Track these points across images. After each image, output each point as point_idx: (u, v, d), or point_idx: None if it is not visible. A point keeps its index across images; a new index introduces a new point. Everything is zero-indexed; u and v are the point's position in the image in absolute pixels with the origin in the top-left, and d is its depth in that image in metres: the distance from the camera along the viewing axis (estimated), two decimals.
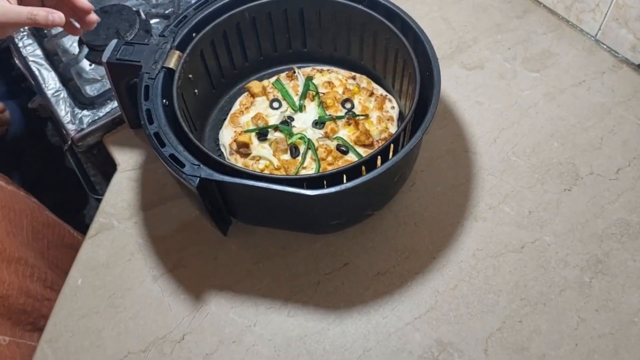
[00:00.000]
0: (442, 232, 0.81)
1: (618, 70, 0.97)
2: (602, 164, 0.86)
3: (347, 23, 0.84)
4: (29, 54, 1.06)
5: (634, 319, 0.73)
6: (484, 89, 0.97)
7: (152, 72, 0.74)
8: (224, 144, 0.85)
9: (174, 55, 0.76)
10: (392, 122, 0.84)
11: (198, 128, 0.86)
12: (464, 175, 0.87)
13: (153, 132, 0.69)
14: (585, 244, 0.79)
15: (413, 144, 0.66)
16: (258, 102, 0.88)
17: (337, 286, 0.77)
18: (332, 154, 0.80)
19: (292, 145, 0.80)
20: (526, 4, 1.09)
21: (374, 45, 0.85)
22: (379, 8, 0.80)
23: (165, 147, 0.68)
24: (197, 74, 0.82)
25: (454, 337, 0.72)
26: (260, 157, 0.80)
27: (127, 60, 0.76)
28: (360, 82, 0.89)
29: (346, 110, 0.84)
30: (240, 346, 0.73)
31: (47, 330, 0.76)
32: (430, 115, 0.68)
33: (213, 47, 0.84)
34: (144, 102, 0.72)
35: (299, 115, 0.85)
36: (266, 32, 0.88)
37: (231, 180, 0.64)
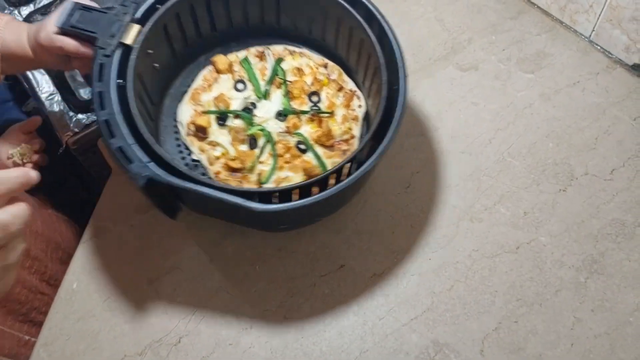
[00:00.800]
0: (437, 233, 0.81)
1: (612, 70, 0.98)
2: (597, 164, 0.86)
3: (323, 12, 0.80)
4: None
5: (630, 318, 0.73)
6: (479, 90, 0.97)
7: (107, 48, 0.68)
8: (182, 121, 0.80)
9: (133, 29, 0.70)
10: (356, 122, 0.81)
11: (156, 101, 0.81)
12: (460, 176, 0.87)
13: (103, 119, 0.64)
14: (581, 244, 0.79)
15: (366, 170, 0.64)
16: (222, 79, 0.83)
17: (334, 288, 0.77)
18: (291, 151, 0.77)
19: (251, 137, 0.77)
20: (520, 5, 1.10)
21: (349, 39, 0.80)
22: (358, 6, 0.76)
23: (114, 137, 0.63)
24: (157, 48, 0.76)
25: (450, 337, 0.72)
26: (217, 144, 0.78)
27: (83, 29, 0.69)
28: (331, 72, 0.84)
29: (312, 104, 0.81)
30: (236, 348, 0.73)
31: (42, 333, 0.75)
32: (388, 139, 0.65)
33: (178, 20, 0.78)
34: (97, 84, 0.66)
35: (263, 103, 0.81)
36: (238, 4, 0.82)
37: (179, 183, 0.62)
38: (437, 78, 0.99)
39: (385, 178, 0.87)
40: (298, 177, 0.75)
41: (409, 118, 0.94)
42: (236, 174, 0.76)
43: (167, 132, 0.81)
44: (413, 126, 0.93)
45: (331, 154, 0.78)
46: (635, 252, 0.78)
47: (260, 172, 0.75)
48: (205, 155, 0.77)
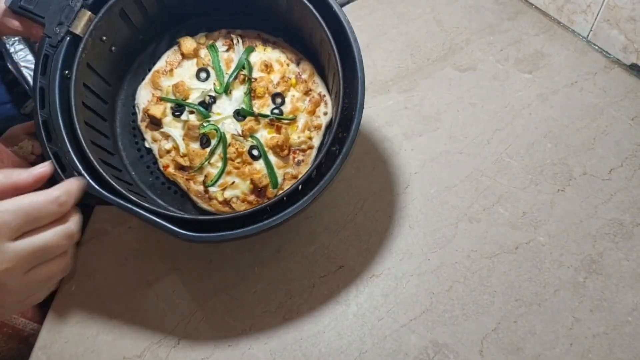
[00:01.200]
0: (436, 233, 0.81)
1: (610, 70, 0.98)
2: (595, 164, 0.87)
3: (299, 11, 0.72)
4: (20, 60, 1.06)
5: (628, 318, 0.73)
6: (477, 91, 0.97)
7: (54, 38, 0.63)
8: (139, 105, 0.77)
9: (83, 16, 0.65)
10: (318, 131, 0.77)
11: (114, 81, 0.76)
12: (458, 176, 0.87)
13: (42, 119, 0.60)
14: (579, 244, 0.79)
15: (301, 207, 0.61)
16: (186, 64, 0.79)
17: (332, 289, 0.77)
18: (242, 156, 0.74)
19: (204, 135, 0.74)
20: (518, 6, 1.10)
21: (320, 43, 0.74)
22: (320, 5, 0.68)
23: (51, 142, 0.60)
24: (114, 32, 0.72)
25: (449, 338, 0.73)
26: (169, 136, 0.75)
27: (31, 12, 0.64)
28: (303, 70, 0.79)
29: (274, 107, 0.77)
30: (235, 350, 0.73)
31: (41, 336, 0.75)
32: (332, 173, 0.62)
33: (140, 4, 0.72)
34: (40, 78, 0.62)
35: (223, 100, 0.77)
36: None
37: (110, 199, 0.60)
38: (435, 79, 0.99)
39: (384, 179, 0.87)
40: (245, 185, 0.74)
41: (408, 118, 0.94)
42: (184, 171, 0.74)
43: (124, 115, 0.78)
44: (411, 127, 0.93)
45: (284, 164, 0.75)
46: (634, 251, 0.78)
47: (207, 174, 0.74)
48: (156, 145, 0.76)
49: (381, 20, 1.09)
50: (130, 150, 0.77)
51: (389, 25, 1.08)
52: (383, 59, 1.03)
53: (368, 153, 0.89)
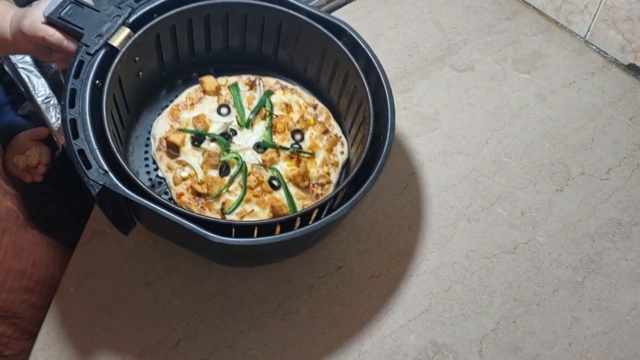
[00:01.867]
0: (435, 233, 0.81)
1: (607, 70, 0.98)
2: (593, 164, 0.87)
3: (322, 52, 0.78)
4: (18, 61, 1.05)
5: (627, 317, 0.73)
6: (474, 91, 0.97)
7: (91, 46, 0.65)
8: (155, 135, 0.77)
9: (123, 32, 0.68)
10: (336, 168, 0.78)
11: (133, 109, 0.78)
12: (456, 176, 0.87)
13: (70, 118, 0.61)
14: (578, 243, 0.79)
15: (334, 218, 0.61)
16: (207, 100, 0.80)
17: (331, 289, 0.77)
18: (262, 185, 0.74)
19: (224, 163, 0.74)
20: (516, 6, 1.10)
21: (342, 84, 0.78)
22: (358, 53, 0.74)
23: (77, 139, 0.60)
24: (145, 57, 0.74)
25: (448, 338, 0.73)
26: (187, 164, 0.74)
27: (70, 22, 0.66)
28: (320, 114, 0.82)
29: (294, 142, 0.78)
30: (235, 351, 0.73)
31: (39, 338, 0.75)
32: (361, 194, 0.63)
33: (173, 33, 0.75)
34: (72, 80, 0.63)
35: (243, 132, 0.78)
36: (237, 30, 0.80)
37: (135, 198, 0.59)
38: (433, 79, 0.99)
39: (383, 179, 0.87)
40: (264, 213, 0.72)
41: (406, 119, 0.94)
42: (200, 199, 0.73)
43: (137, 144, 0.78)
44: (410, 128, 0.93)
45: (304, 195, 0.75)
46: (632, 251, 0.78)
47: (225, 202, 0.72)
48: (171, 174, 0.75)
49: (379, 21, 1.09)
50: (141, 179, 0.75)
51: (387, 26, 1.08)
52: (381, 59, 1.02)
53: None
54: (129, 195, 0.59)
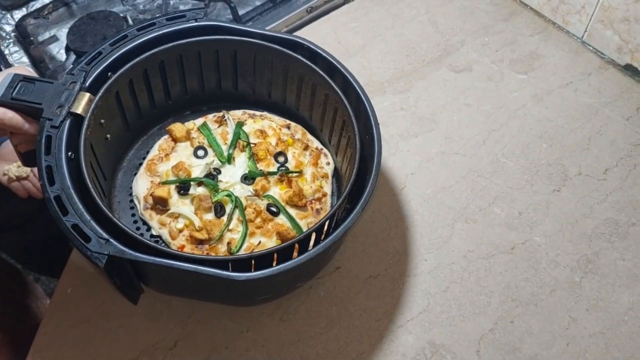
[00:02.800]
0: (433, 234, 0.81)
1: (604, 71, 0.98)
2: (590, 165, 0.87)
3: (284, 71, 0.76)
4: (15, 61, 1.05)
5: (624, 317, 0.73)
6: (472, 91, 0.97)
7: (55, 119, 0.63)
8: (138, 195, 0.75)
9: (83, 98, 0.66)
10: (326, 179, 0.77)
11: (108, 175, 0.77)
12: (454, 177, 0.87)
13: (54, 195, 0.59)
14: (575, 244, 0.79)
15: (348, 226, 0.60)
16: (180, 147, 0.78)
17: (329, 290, 0.77)
18: (262, 215, 0.72)
19: (217, 204, 0.72)
20: (513, 6, 1.10)
21: (311, 96, 0.77)
22: (319, 62, 0.73)
23: (67, 215, 0.58)
24: (110, 118, 0.72)
25: (446, 339, 0.73)
26: (180, 215, 0.72)
27: (25, 101, 0.63)
28: (295, 132, 0.81)
29: (279, 165, 0.77)
30: (233, 352, 0.73)
31: (37, 339, 0.75)
32: (368, 194, 0.62)
33: (131, 88, 0.74)
34: (45, 157, 0.61)
35: (227, 168, 0.76)
36: (193, 71, 0.79)
37: (146, 259, 0.56)
38: (430, 80, 0.99)
39: (381, 180, 0.87)
40: (271, 242, 0.71)
41: (404, 120, 0.94)
42: (203, 246, 0.71)
43: (122, 209, 0.76)
44: (407, 128, 0.93)
45: (304, 214, 0.74)
46: (629, 251, 0.78)
47: (230, 241, 0.70)
48: (166, 230, 0.72)
49: (376, 22, 1.09)
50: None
51: (384, 27, 1.08)
52: (378, 60, 1.03)
53: None
54: (139, 257, 0.56)
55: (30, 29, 1.10)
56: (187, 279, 0.60)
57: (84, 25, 1.07)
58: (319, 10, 1.12)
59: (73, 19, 1.11)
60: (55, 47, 1.10)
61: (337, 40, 1.06)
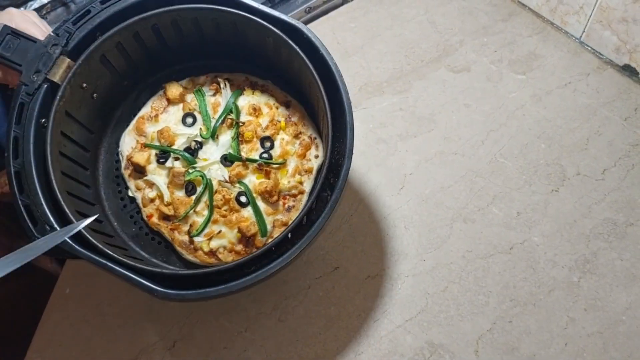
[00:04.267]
0: (431, 234, 0.81)
1: (603, 71, 0.98)
2: (589, 165, 0.87)
3: (287, 55, 0.71)
4: None
5: (622, 317, 0.73)
6: (470, 92, 0.97)
7: (31, 86, 0.61)
8: (122, 152, 0.75)
9: (62, 64, 0.63)
10: (309, 175, 0.74)
11: (97, 129, 0.74)
12: (453, 177, 0.87)
13: (14, 171, 0.58)
14: (573, 244, 0.80)
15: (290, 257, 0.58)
16: (171, 110, 0.77)
17: (328, 290, 0.77)
18: (230, 204, 0.71)
19: (189, 182, 0.71)
20: (511, 7, 1.10)
21: (309, 86, 0.72)
22: (302, 44, 0.67)
23: (23, 193, 0.57)
24: (95, 79, 0.69)
25: (444, 338, 0.73)
26: (153, 184, 0.73)
27: (7, 59, 0.62)
28: (292, 113, 0.77)
29: (263, 151, 0.74)
30: (231, 352, 0.73)
31: (35, 339, 0.75)
32: (322, 219, 0.59)
33: (121, 49, 0.70)
34: (14, 127, 0.59)
35: (209, 145, 0.74)
36: (193, 34, 0.74)
37: (84, 255, 0.56)
38: (429, 80, 0.99)
39: (379, 180, 0.87)
40: (232, 234, 0.70)
41: (402, 120, 0.94)
42: (168, 221, 0.71)
43: (107, 163, 0.76)
44: (406, 128, 0.93)
45: (273, 211, 0.72)
46: (627, 251, 0.78)
47: (193, 223, 0.70)
48: (140, 194, 0.73)
49: (375, 22, 1.09)
50: (113, 199, 0.74)
51: (383, 27, 1.08)
52: (377, 60, 1.03)
53: (363, 154, 0.89)
54: (75, 252, 0.56)
55: None
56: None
57: None
58: (317, 10, 1.12)
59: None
60: None
61: (336, 41, 1.06)
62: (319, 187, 0.62)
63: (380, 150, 0.91)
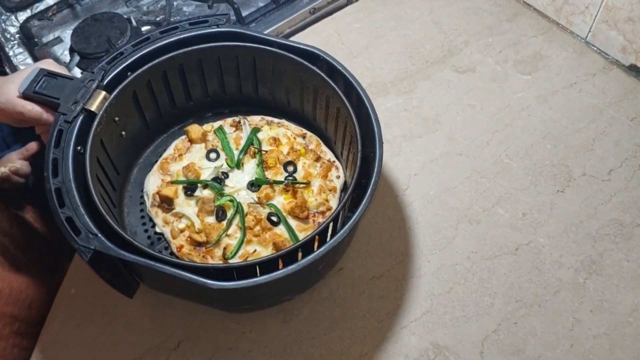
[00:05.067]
0: (436, 235, 0.81)
1: (609, 71, 0.98)
2: (595, 165, 0.87)
3: (300, 81, 0.77)
4: (19, 63, 1.06)
5: (629, 318, 0.73)
6: (475, 92, 0.97)
7: (69, 114, 0.66)
8: (148, 192, 0.77)
9: (98, 95, 0.69)
10: (334, 193, 0.77)
11: (123, 170, 0.79)
12: (458, 178, 0.87)
13: (54, 187, 0.61)
14: (579, 244, 0.79)
15: (336, 242, 0.59)
16: (194, 149, 0.80)
17: (332, 291, 0.77)
18: (261, 223, 0.72)
19: (219, 208, 0.73)
20: (516, 7, 1.10)
21: (326, 108, 0.77)
22: (335, 75, 0.73)
23: (64, 207, 0.60)
24: (125, 116, 0.75)
25: (450, 340, 0.72)
26: (183, 215, 0.74)
27: (45, 95, 0.68)
28: (309, 142, 0.81)
29: (287, 174, 0.77)
30: (236, 353, 0.73)
31: (40, 340, 0.75)
32: (363, 207, 0.61)
33: (150, 88, 0.76)
34: (53, 150, 0.64)
35: (235, 173, 0.77)
36: (214, 75, 0.80)
37: (128, 257, 0.58)
38: (434, 80, 0.99)
39: (384, 180, 0.87)
40: (267, 252, 0.71)
41: (407, 120, 0.94)
42: (200, 248, 0.72)
43: (132, 203, 0.78)
44: (411, 129, 0.93)
45: (305, 227, 0.73)
46: (634, 252, 0.78)
47: (226, 246, 0.71)
48: (168, 228, 0.74)
49: (380, 23, 1.09)
50: (140, 238, 0.76)
51: (387, 28, 1.08)
52: (382, 61, 1.03)
53: None
54: (121, 255, 0.58)
55: (34, 30, 1.11)
56: (169, 280, 0.60)
57: (88, 27, 1.08)
58: (322, 11, 1.12)
59: (77, 21, 1.11)
60: (60, 48, 1.10)
61: (341, 41, 1.06)
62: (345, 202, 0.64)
63: (385, 150, 0.90)
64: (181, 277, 0.57)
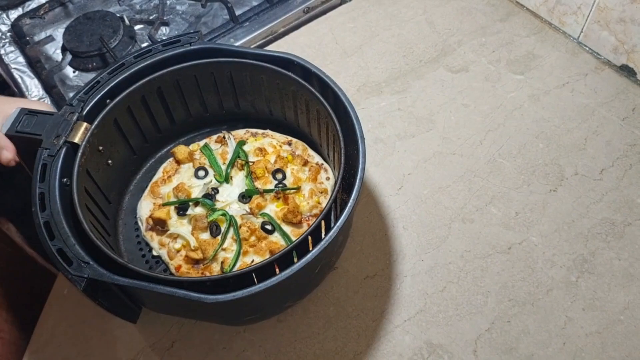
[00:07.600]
0: (430, 234, 0.82)
1: (601, 71, 0.99)
2: (587, 165, 0.87)
3: (278, 88, 0.77)
4: (11, 61, 1.05)
5: (620, 317, 0.73)
6: (469, 92, 0.97)
7: (52, 148, 0.67)
8: (141, 217, 0.78)
9: (80, 127, 0.69)
10: (325, 195, 0.77)
11: (114, 199, 0.79)
12: (451, 177, 0.87)
13: (43, 221, 0.62)
14: (572, 243, 0.80)
15: (328, 241, 0.59)
16: (183, 169, 0.81)
17: (326, 290, 0.77)
18: (256, 233, 0.72)
19: (213, 223, 0.73)
20: (509, 7, 1.10)
21: (307, 112, 0.78)
22: (311, 78, 0.73)
23: (54, 239, 0.60)
24: (110, 144, 0.75)
25: (443, 338, 0.73)
26: (178, 235, 0.74)
27: (27, 132, 0.69)
28: (295, 148, 0.82)
29: (277, 182, 0.78)
30: (230, 352, 0.73)
31: (33, 340, 0.75)
32: (349, 209, 0.61)
33: (130, 114, 0.76)
34: (39, 184, 0.64)
35: (225, 187, 0.78)
36: (194, 94, 0.81)
37: (121, 281, 0.57)
38: (427, 80, 0.99)
39: (378, 180, 0.87)
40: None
41: (401, 120, 0.94)
42: (198, 265, 0.71)
43: (127, 231, 0.78)
44: (404, 128, 0.93)
45: (300, 231, 0.73)
46: (625, 251, 0.78)
47: (224, 260, 0.71)
48: (165, 250, 0.74)
49: (374, 22, 1.09)
50: (138, 264, 0.75)
51: (381, 27, 1.08)
52: (376, 60, 1.03)
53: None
54: (114, 280, 0.57)
55: (26, 28, 1.10)
56: (167, 300, 0.60)
57: (80, 25, 1.07)
58: (316, 11, 1.12)
59: (69, 19, 1.11)
60: (52, 47, 1.10)
61: (335, 41, 1.06)
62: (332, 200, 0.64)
63: (379, 150, 0.91)
64: (176, 295, 0.56)
